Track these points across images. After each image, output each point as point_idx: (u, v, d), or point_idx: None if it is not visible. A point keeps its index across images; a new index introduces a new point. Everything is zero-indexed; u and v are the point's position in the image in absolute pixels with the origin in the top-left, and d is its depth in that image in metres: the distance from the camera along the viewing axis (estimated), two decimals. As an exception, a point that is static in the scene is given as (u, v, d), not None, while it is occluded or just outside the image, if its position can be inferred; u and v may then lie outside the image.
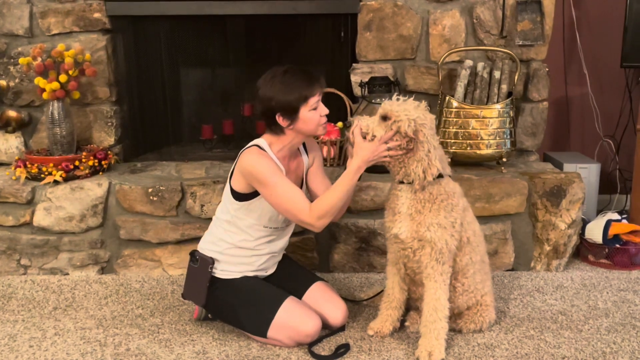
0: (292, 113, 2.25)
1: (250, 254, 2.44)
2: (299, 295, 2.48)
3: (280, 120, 2.27)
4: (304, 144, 2.50)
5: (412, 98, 2.24)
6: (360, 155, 2.21)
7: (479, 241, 2.39)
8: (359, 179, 2.29)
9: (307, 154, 2.51)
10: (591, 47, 3.84)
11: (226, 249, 2.43)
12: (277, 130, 2.31)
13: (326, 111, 2.31)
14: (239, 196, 2.35)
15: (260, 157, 2.27)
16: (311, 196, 2.52)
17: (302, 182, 2.50)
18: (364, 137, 2.23)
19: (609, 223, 3.12)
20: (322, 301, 2.47)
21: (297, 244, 3.00)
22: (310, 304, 2.45)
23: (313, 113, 2.27)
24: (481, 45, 3.27)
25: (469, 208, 2.38)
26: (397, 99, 2.22)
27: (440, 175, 2.22)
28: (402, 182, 2.27)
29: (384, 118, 2.20)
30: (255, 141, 2.37)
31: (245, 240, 2.41)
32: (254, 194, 2.34)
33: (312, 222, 2.24)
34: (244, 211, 2.37)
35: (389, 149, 2.20)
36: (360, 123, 2.24)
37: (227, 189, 2.41)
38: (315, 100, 2.26)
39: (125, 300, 2.79)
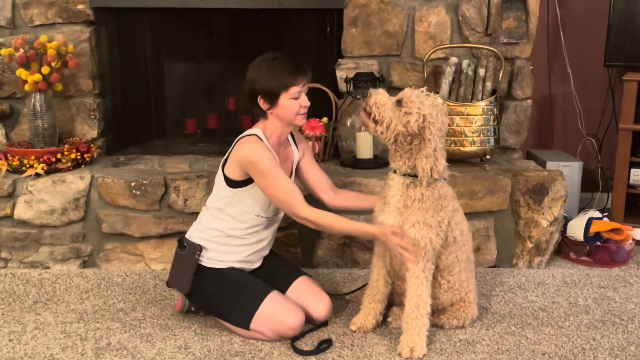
0: (272, 98, 2.32)
1: (239, 243, 2.44)
2: (283, 289, 2.48)
3: (261, 103, 2.34)
4: (293, 137, 2.54)
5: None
6: (380, 234, 2.25)
7: (465, 240, 2.40)
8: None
9: (297, 147, 2.54)
10: (575, 45, 3.87)
11: (215, 237, 2.42)
12: (260, 113, 2.39)
13: (307, 103, 2.37)
14: (232, 183, 2.37)
15: (261, 148, 2.32)
16: (308, 187, 2.59)
17: (290, 174, 2.52)
18: (369, 115, 2.22)
19: (590, 221, 3.14)
20: (307, 295, 2.47)
21: (281, 239, 2.99)
22: (295, 298, 2.45)
23: (293, 102, 2.33)
24: (466, 42, 3.28)
25: (460, 209, 2.38)
26: (422, 92, 2.20)
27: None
28: (395, 172, 2.27)
29: (399, 103, 2.19)
30: (252, 130, 2.41)
31: (235, 229, 2.42)
32: (248, 181, 2.36)
33: (305, 216, 2.30)
34: (237, 198, 2.39)
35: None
36: (377, 98, 2.21)
37: (219, 177, 2.42)
38: (296, 90, 2.32)
39: (106, 295, 2.77)
